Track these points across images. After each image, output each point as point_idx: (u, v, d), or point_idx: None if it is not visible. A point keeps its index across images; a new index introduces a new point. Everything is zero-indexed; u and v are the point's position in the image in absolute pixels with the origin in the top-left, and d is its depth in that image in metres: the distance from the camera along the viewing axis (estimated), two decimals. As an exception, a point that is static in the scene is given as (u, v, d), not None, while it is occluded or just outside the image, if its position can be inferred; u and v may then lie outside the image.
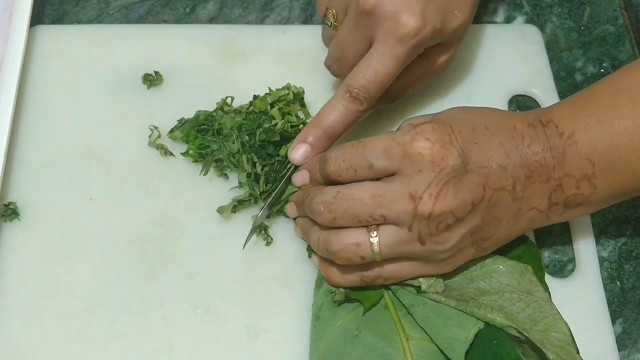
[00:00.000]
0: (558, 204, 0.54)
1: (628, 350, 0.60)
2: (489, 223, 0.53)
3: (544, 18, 0.74)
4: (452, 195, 0.50)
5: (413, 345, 0.53)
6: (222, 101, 0.64)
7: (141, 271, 0.59)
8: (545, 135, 0.53)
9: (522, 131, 0.54)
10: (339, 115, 0.58)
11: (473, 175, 0.51)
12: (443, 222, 0.51)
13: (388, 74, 0.57)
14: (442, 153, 0.50)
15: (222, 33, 0.70)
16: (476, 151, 0.52)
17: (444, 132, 0.51)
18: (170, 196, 0.62)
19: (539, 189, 0.53)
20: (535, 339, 0.52)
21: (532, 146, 0.53)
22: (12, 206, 0.60)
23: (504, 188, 0.52)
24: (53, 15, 0.71)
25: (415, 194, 0.50)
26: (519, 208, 0.53)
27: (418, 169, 0.50)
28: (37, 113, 0.65)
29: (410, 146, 0.51)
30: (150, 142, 0.64)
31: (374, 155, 0.52)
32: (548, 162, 0.53)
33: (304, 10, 0.73)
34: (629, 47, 0.72)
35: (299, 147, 0.58)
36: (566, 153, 0.53)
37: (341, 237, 0.53)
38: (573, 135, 0.53)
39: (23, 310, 0.57)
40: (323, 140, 0.58)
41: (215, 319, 0.57)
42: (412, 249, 0.52)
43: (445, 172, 0.50)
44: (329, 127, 0.58)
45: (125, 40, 0.69)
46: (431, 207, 0.50)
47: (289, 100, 0.63)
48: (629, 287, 0.62)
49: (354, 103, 0.57)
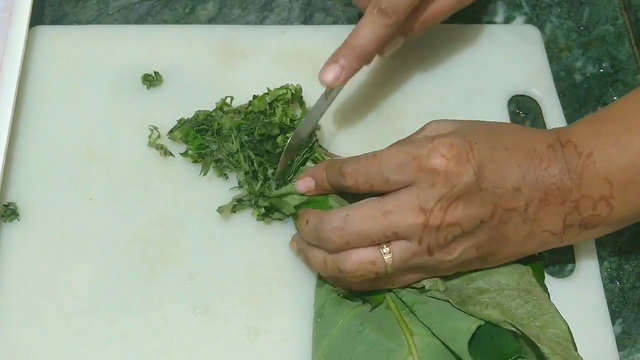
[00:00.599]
0: (573, 226, 0.54)
1: (628, 350, 0.60)
2: (497, 240, 0.53)
3: (543, 18, 0.74)
4: (461, 209, 0.50)
5: (417, 340, 0.53)
6: (221, 101, 0.63)
7: (141, 271, 0.59)
8: (564, 156, 0.53)
9: (541, 153, 0.53)
10: (369, 31, 0.56)
11: (486, 193, 0.51)
12: (451, 234, 0.51)
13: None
14: (457, 170, 0.50)
15: (221, 33, 0.70)
16: (492, 170, 0.51)
17: (461, 149, 0.51)
18: (170, 196, 0.62)
19: (553, 211, 0.53)
20: (531, 333, 0.52)
21: (550, 169, 0.53)
22: (12, 206, 0.60)
23: (515, 209, 0.52)
24: (52, 15, 0.71)
25: (426, 206, 0.50)
26: (530, 230, 0.53)
27: (431, 182, 0.50)
28: (36, 113, 0.65)
29: (426, 161, 0.51)
30: (150, 142, 0.64)
31: (390, 170, 0.51)
32: (565, 185, 0.53)
33: (304, 10, 0.73)
34: (628, 47, 0.72)
35: (330, 69, 0.57)
36: (584, 174, 0.52)
37: (354, 257, 0.52)
38: (591, 154, 0.53)
39: (23, 310, 0.57)
40: (354, 60, 0.57)
41: (215, 319, 0.57)
42: (421, 261, 0.52)
43: (458, 189, 0.50)
44: (360, 46, 0.57)
45: (125, 41, 0.69)
46: (441, 219, 0.50)
47: (288, 99, 0.63)
48: (628, 287, 0.62)
49: (382, 16, 0.56)
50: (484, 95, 0.68)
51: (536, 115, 0.69)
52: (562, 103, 0.69)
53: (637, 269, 0.63)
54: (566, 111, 0.68)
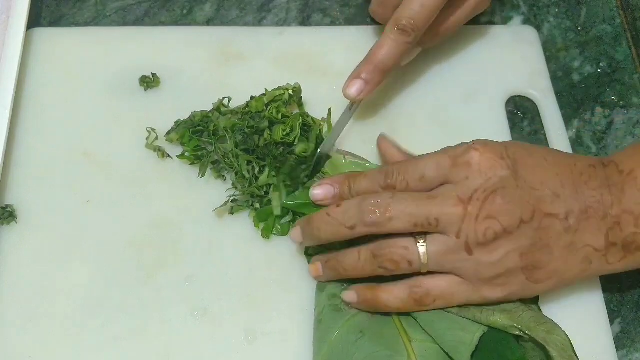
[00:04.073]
0: (616, 245, 0.53)
1: (627, 350, 0.60)
2: (539, 248, 0.52)
3: (541, 18, 0.74)
4: (499, 202, 0.50)
5: (416, 346, 0.53)
6: (218, 102, 0.63)
7: (139, 274, 0.59)
8: (605, 174, 0.53)
9: (581, 169, 0.53)
10: (389, 48, 0.60)
11: (524, 192, 0.51)
12: (490, 229, 0.50)
13: (434, 5, 0.59)
14: (490, 163, 0.51)
15: (219, 35, 0.70)
16: (529, 173, 0.52)
17: (497, 149, 0.52)
18: (168, 198, 0.62)
19: (594, 225, 0.52)
20: (539, 337, 0.52)
21: (590, 183, 0.53)
22: (9, 209, 0.60)
23: (555, 215, 0.52)
24: (50, 17, 0.71)
25: (464, 197, 0.51)
26: (571, 241, 0.52)
27: (465, 175, 0.51)
28: (34, 116, 0.65)
29: (461, 157, 0.52)
30: (147, 144, 0.64)
31: (426, 167, 0.53)
32: (605, 199, 0.52)
33: (301, 11, 0.73)
34: (625, 47, 0.72)
35: (354, 83, 0.61)
36: (625, 189, 0.52)
37: (391, 242, 0.53)
38: (633, 172, 0.53)
39: (20, 313, 0.57)
40: (376, 74, 0.61)
41: (213, 322, 0.57)
42: (459, 259, 0.51)
43: (493, 181, 0.51)
44: (381, 62, 0.60)
45: (123, 43, 0.69)
46: (478, 209, 0.50)
47: (285, 100, 0.63)
48: (627, 286, 0.62)
49: (402, 35, 0.59)
50: (482, 95, 0.68)
51: (534, 115, 0.69)
52: (560, 103, 0.69)
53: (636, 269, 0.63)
54: (564, 111, 0.69)
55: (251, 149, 0.60)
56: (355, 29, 0.71)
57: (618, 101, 0.70)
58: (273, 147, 0.60)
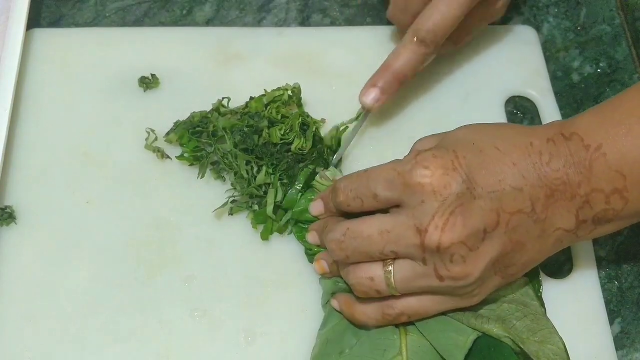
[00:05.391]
0: (586, 222, 0.51)
1: (626, 350, 0.60)
2: (511, 249, 0.50)
3: (540, 18, 0.74)
4: (460, 225, 0.47)
5: (410, 340, 0.53)
6: (217, 102, 0.63)
7: (138, 274, 0.59)
8: (569, 149, 0.50)
9: (539, 148, 0.50)
10: (407, 59, 0.60)
11: (483, 200, 0.48)
12: (456, 254, 0.48)
13: (454, 17, 0.59)
14: (444, 181, 0.48)
15: (218, 35, 0.70)
16: (484, 175, 0.49)
17: (446, 159, 0.49)
18: (167, 199, 0.62)
19: (563, 207, 0.50)
20: (530, 350, 0.51)
21: (552, 163, 0.50)
22: (9, 210, 0.60)
23: (521, 211, 0.49)
24: (50, 17, 0.71)
25: (421, 226, 0.48)
26: (542, 229, 0.50)
27: (420, 199, 0.48)
28: (33, 116, 0.65)
29: (410, 176, 0.49)
30: (146, 145, 0.64)
31: (377, 185, 0.50)
32: (572, 179, 0.50)
33: (301, 12, 0.73)
34: (625, 46, 0.72)
35: (370, 92, 0.61)
36: (593, 167, 0.49)
37: (357, 271, 0.52)
38: (600, 147, 0.49)
39: (20, 313, 0.57)
40: (392, 83, 0.61)
41: (213, 322, 0.57)
42: (430, 284, 0.50)
43: (449, 200, 0.48)
44: (398, 71, 0.60)
45: (122, 43, 0.69)
46: (438, 238, 0.47)
47: (284, 100, 0.63)
48: (627, 286, 0.62)
49: (421, 46, 0.60)
50: (481, 96, 0.68)
51: (533, 115, 0.69)
52: (559, 103, 0.69)
53: (635, 269, 0.63)
54: (563, 111, 0.68)
55: (250, 149, 0.60)
56: (354, 29, 0.71)
57: (617, 101, 0.70)
58: (271, 146, 0.60)
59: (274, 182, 0.59)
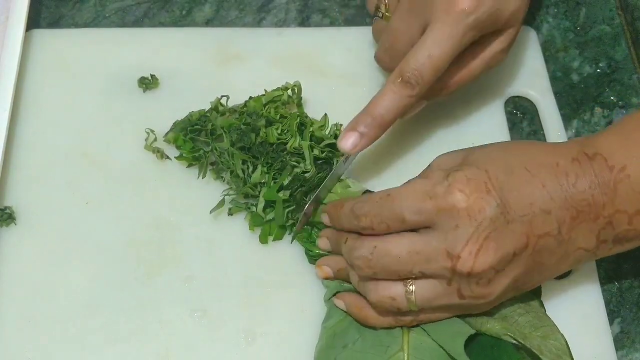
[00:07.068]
0: (607, 242, 0.51)
1: (626, 350, 0.60)
2: (532, 269, 0.50)
3: (540, 18, 0.74)
4: (493, 251, 0.47)
5: (412, 337, 0.53)
6: (216, 100, 0.63)
7: (138, 275, 0.59)
8: (593, 170, 0.50)
9: (565, 168, 0.50)
10: (390, 101, 0.55)
11: (515, 224, 0.48)
12: (484, 278, 0.48)
13: (443, 57, 0.55)
14: (479, 205, 0.47)
15: (218, 36, 0.70)
16: (516, 197, 0.48)
17: (479, 181, 0.48)
18: (167, 199, 0.62)
19: (586, 228, 0.50)
20: (533, 345, 0.51)
21: (578, 184, 0.49)
22: (9, 210, 0.60)
23: (548, 234, 0.49)
24: (49, 18, 0.71)
25: (453, 251, 0.47)
26: (565, 250, 0.50)
27: (455, 224, 0.47)
28: (33, 117, 0.65)
29: (444, 200, 0.48)
30: (146, 145, 0.64)
31: (405, 210, 0.49)
32: (597, 200, 0.49)
33: (300, 12, 0.73)
34: (624, 47, 0.72)
35: (349, 136, 0.56)
36: (618, 188, 0.49)
37: (379, 289, 0.51)
38: (625, 168, 0.49)
39: (19, 314, 0.57)
40: (373, 128, 0.56)
41: (213, 323, 0.57)
42: (450, 302, 0.50)
43: (484, 225, 0.47)
44: (380, 115, 0.56)
45: (122, 44, 0.69)
46: (471, 265, 0.47)
47: (284, 100, 0.63)
48: (626, 286, 0.62)
49: (405, 88, 0.55)
50: (481, 96, 0.68)
51: (533, 116, 0.69)
52: (559, 103, 0.69)
53: (635, 269, 0.63)
54: (563, 111, 0.69)
55: (247, 147, 0.60)
56: (354, 29, 0.71)
57: (617, 101, 0.70)
58: (268, 145, 0.60)
59: (268, 181, 0.59)
